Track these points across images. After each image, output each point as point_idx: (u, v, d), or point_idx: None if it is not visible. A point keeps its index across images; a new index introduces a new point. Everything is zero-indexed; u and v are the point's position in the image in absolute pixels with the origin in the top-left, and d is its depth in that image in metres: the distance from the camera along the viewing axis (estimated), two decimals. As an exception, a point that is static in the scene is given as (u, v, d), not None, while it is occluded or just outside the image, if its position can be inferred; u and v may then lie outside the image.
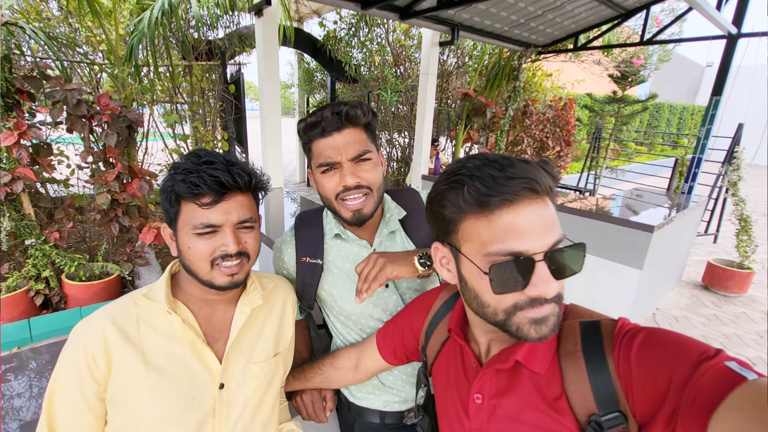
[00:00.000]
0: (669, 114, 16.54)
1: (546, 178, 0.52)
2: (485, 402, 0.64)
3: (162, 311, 0.74)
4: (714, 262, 4.28)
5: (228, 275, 0.73)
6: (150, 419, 0.71)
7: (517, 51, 5.42)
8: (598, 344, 0.56)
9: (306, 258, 0.99)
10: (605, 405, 0.53)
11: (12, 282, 2.68)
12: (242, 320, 0.81)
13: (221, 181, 0.69)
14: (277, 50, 3.48)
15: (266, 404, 0.85)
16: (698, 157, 4.23)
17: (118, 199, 2.91)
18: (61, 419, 0.70)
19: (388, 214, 1.01)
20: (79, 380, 0.69)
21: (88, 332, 0.71)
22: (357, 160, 0.86)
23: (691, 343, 0.50)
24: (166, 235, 0.77)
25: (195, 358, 0.75)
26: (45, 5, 3.51)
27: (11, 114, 2.44)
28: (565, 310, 0.63)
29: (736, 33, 3.76)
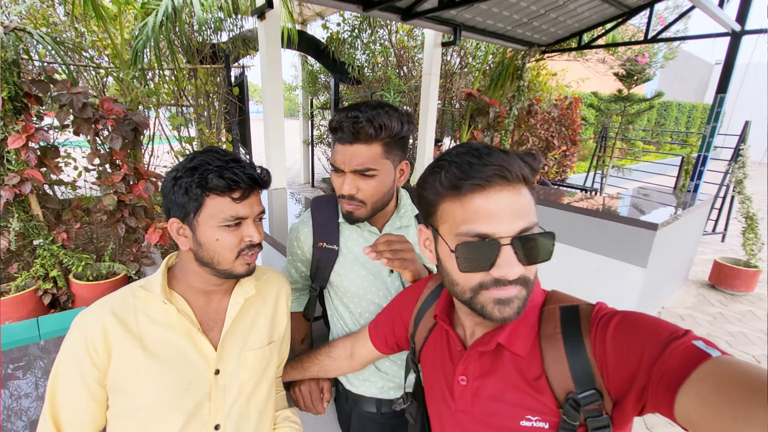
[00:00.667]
0: (677, 112, 16.35)
1: (522, 167, 0.55)
2: (469, 383, 0.66)
3: (158, 301, 0.78)
4: (720, 261, 4.24)
5: (247, 263, 0.80)
6: (149, 403, 0.74)
7: (521, 50, 5.41)
8: (576, 326, 0.59)
9: (323, 243, 1.05)
10: (582, 383, 0.56)
11: (21, 281, 2.74)
12: (236, 309, 0.84)
13: (254, 178, 0.76)
14: (279, 53, 3.52)
15: (261, 391, 0.88)
16: (704, 156, 4.19)
17: (124, 201, 2.96)
18: (63, 405, 0.73)
19: (402, 209, 1.05)
20: (80, 367, 0.72)
21: (87, 322, 0.74)
22: (359, 173, 0.89)
23: (662, 324, 0.52)
24: (173, 230, 0.78)
25: (191, 346, 0.79)
26: (52, 10, 3.58)
27: (19, 117, 2.49)
28: (546, 296, 0.66)
29: (740, 30, 3.73)
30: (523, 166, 0.56)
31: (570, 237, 3.51)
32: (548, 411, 0.59)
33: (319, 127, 8.50)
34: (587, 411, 0.56)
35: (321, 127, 8.51)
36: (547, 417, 0.59)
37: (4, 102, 2.35)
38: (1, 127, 2.40)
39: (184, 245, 0.79)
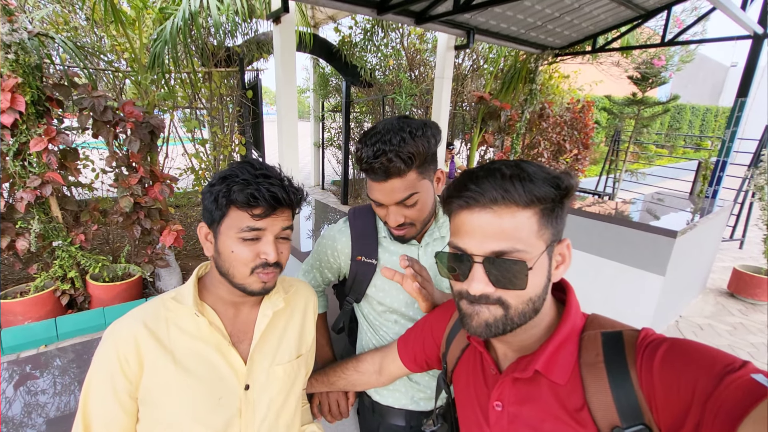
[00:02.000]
0: (691, 116, 16.10)
1: (506, 192, 0.54)
2: (505, 410, 0.64)
3: (190, 314, 0.77)
4: (740, 269, 4.14)
5: (263, 282, 0.77)
6: (179, 418, 0.74)
7: (534, 53, 5.36)
8: (620, 355, 0.55)
9: (362, 257, 1.04)
10: (628, 417, 0.53)
11: (40, 282, 2.78)
12: (265, 323, 0.83)
13: (278, 197, 0.73)
14: (294, 56, 3.54)
15: (289, 406, 0.87)
16: (723, 161, 4.11)
17: (140, 203, 2.99)
18: (95, 416, 0.73)
19: (441, 219, 1.04)
20: (112, 379, 0.72)
21: (120, 334, 0.74)
22: (402, 203, 0.90)
23: (716, 354, 0.49)
24: (201, 234, 0.79)
25: (221, 359, 0.78)
26: (73, 15, 3.65)
27: (41, 121, 2.53)
28: (586, 321, 0.63)
29: (762, 33, 3.65)
30: (520, 192, 0.54)
31: (585, 243, 3.46)
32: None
33: (330, 129, 8.53)
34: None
35: (331, 129, 8.54)
36: None
37: (27, 106, 2.39)
38: (24, 130, 2.44)
39: (209, 251, 0.79)
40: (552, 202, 0.56)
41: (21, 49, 2.29)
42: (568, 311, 0.62)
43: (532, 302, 0.58)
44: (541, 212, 0.56)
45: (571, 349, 0.60)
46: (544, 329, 0.63)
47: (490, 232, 0.55)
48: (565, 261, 0.61)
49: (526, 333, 0.63)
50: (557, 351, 0.60)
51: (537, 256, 0.56)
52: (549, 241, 0.57)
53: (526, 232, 0.55)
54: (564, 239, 0.61)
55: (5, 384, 1.11)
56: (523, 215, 0.55)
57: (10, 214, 2.61)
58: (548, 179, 0.56)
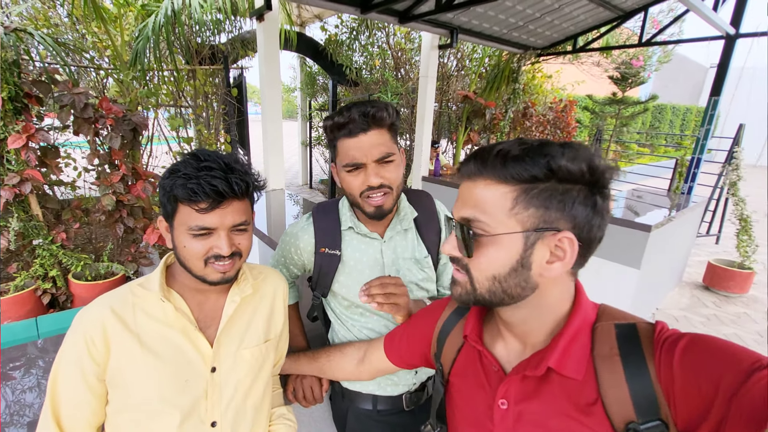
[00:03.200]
0: (672, 115, 16.48)
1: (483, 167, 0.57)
2: (511, 408, 0.62)
3: (156, 299, 0.79)
4: (714, 263, 4.29)
5: (220, 272, 0.78)
6: (147, 399, 0.76)
7: (516, 53, 5.46)
8: (637, 348, 0.54)
9: (325, 249, 1.05)
10: (645, 412, 0.51)
11: (20, 281, 2.74)
12: (232, 308, 0.85)
13: (219, 190, 0.71)
14: (278, 54, 3.55)
15: (257, 389, 0.89)
16: (698, 158, 4.24)
17: (122, 201, 2.97)
18: (63, 400, 0.75)
19: (402, 212, 1.06)
20: (80, 363, 0.74)
21: (87, 319, 0.76)
22: (381, 161, 0.91)
23: (741, 351, 0.48)
24: (162, 227, 0.81)
25: (188, 343, 0.80)
26: (53, 11, 3.60)
27: (20, 117, 2.51)
28: (598, 312, 0.62)
29: (735, 33, 3.79)
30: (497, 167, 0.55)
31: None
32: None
33: (318, 128, 8.53)
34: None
35: (319, 128, 8.54)
36: None
37: (4, 102, 2.36)
38: (1, 127, 2.41)
39: (170, 244, 0.80)
40: (537, 182, 0.53)
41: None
42: (578, 303, 0.61)
43: (498, 282, 0.57)
44: (521, 191, 0.54)
45: (583, 342, 0.58)
46: (554, 322, 0.61)
47: (466, 200, 0.59)
48: (564, 258, 0.55)
49: (535, 321, 0.61)
50: (570, 345, 0.58)
51: (501, 232, 0.55)
52: (530, 225, 0.54)
53: (495, 206, 0.55)
54: (561, 231, 0.54)
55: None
56: (497, 190, 0.55)
57: (-12, 213, 2.58)
58: (532, 160, 0.52)
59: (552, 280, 0.58)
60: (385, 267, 1.05)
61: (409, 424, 1.11)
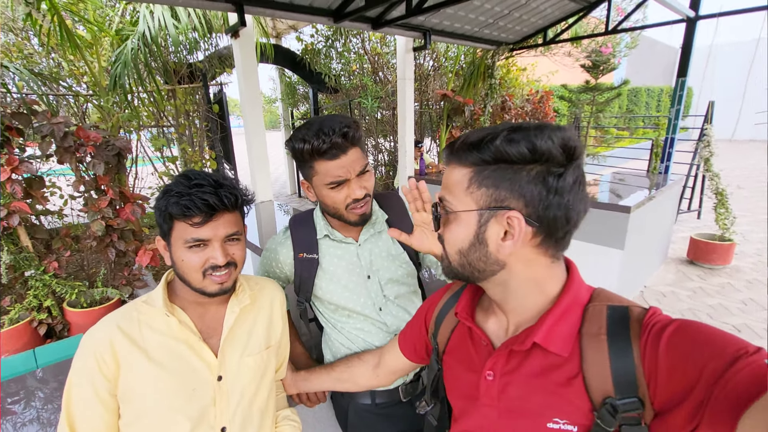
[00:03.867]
0: (647, 97, 16.87)
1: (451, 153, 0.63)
2: (496, 379, 0.65)
3: (160, 314, 0.84)
4: (696, 237, 4.43)
5: (218, 283, 0.82)
6: (157, 409, 0.80)
7: (490, 50, 5.58)
8: (624, 329, 0.56)
9: (303, 254, 1.11)
10: (623, 389, 0.54)
11: (14, 314, 2.74)
12: (233, 318, 0.90)
13: (210, 204, 0.77)
14: (256, 69, 3.59)
15: (262, 393, 0.94)
16: (671, 138, 4.39)
17: (112, 225, 2.99)
18: (78, 416, 0.79)
19: (374, 216, 1.13)
20: (91, 379, 0.78)
21: (96, 337, 0.80)
22: (361, 174, 0.99)
23: (729, 337, 0.49)
24: (160, 246, 0.86)
25: (193, 354, 0.85)
26: (27, 42, 3.60)
27: (2, 151, 2.52)
28: (592, 294, 0.64)
29: (695, 16, 3.95)
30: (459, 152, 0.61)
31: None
32: (579, 414, 0.57)
33: (301, 137, 8.57)
34: (624, 418, 0.53)
35: (303, 137, 8.58)
36: (577, 420, 0.57)
37: (-14, 137, 2.37)
38: (-15, 162, 2.43)
39: (168, 261, 0.85)
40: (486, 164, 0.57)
41: (-25, 81, 2.28)
42: (570, 284, 0.63)
43: (464, 256, 0.62)
44: (474, 172, 0.58)
45: (572, 321, 0.60)
46: (544, 302, 0.63)
47: (443, 184, 0.65)
48: (514, 237, 0.57)
49: (525, 299, 0.64)
50: (557, 322, 0.60)
51: (460, 209, 0.61)
52: (483, 204, 0.58)
53: (456, 186, 0.61)
54: (509, 210, 0.56)
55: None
56: (459, 172, 0.61)
57: (-23, 248, 2.58)
58: (489, 145, 0.56)
59: (517, 257, 0.60)
60: (363, 269, 1.12)
61: (408, 415, 1.17)
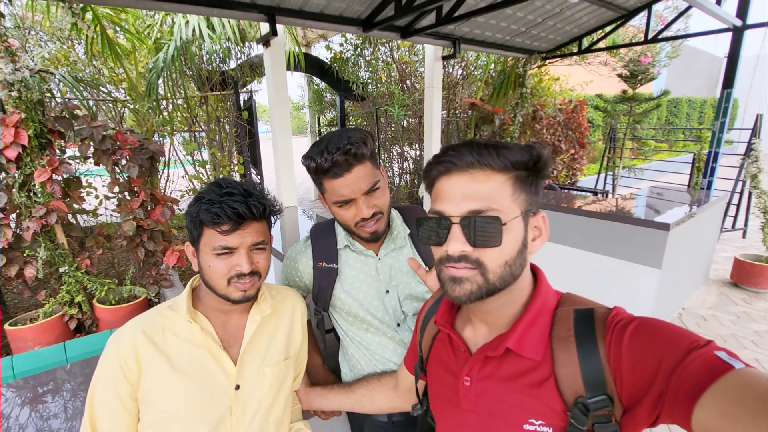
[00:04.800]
0: (688, 108, 16.09)
1: (480, 156, 0.58)
2: (473, 384, 0.67)
3: (183, 320, 0.85)
4: (741, 258, 4.13)
5: (242, 291, 0.83)
6: (175, 414, 0.81)
7: (522, 58, 5.47)
8: (591, 330, 0.58)
9: (322, 263, 1.09)
10: (593, 388, 0.56)
11: (48, 308, 2.86)
12: (254, 328, 0.90)
13: (239, 213, 0.78)
14: (285, 77, 3.66)
15: (279, 404, 0.93)
16: (714, 152, 4.13)
17: (143, 226, 3.09)
18: (100, 417, 0.81)
19: (395, 231, 1.09)
20: (114, 382, 0.80)
21: (121, 340, 0.82)
22: (369, 192, 0.95)
23: (683, 332, 0.52)
24: (188, 252, 0.87)
25: (213, 361, 0.85)
26: (72, 50, 3.81)
27: (44, 152, 2.65)
28: (560, 299, 0.66)
29: (742, 25, 3.72)
30: (494, 157, 0.57)
31: (581, 241, 3.49)
32: (554, 414, 0.58)
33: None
34: (596, 417, 0.55)
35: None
36: (552, 421, 0.58)
37: (30, 139, 2.50)
38: (28, 162, 2.55)
39: (196, 266, 0.86)
40: (525, 169, 0.59)
41: (23, 86, 2.42)
42: (538, 290, 0.65)
43: (509, 266, 0.60)
44: (515, 178, 0.59)
45: (543, 325, 0.62)
46: (519, 307, 0.65)
47: (467, 194, 0.58)
48: (542, 234, 0.63)
49: (506, 307, 0.65)
50: (528, 328, 0.62)
51: (511, 217, 0.58)
52: (524, 209, 0.60)
53: (500, 194, 0.58)
54: (540, 212, 0.63)
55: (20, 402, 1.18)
56: (497, 179, 0.58)
57: (17, 244, 2.71)
58: (522, 148, 0.59)
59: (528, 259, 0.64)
60: (381, 283, 1.08)
61: None
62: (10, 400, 1.21)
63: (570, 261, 3.54)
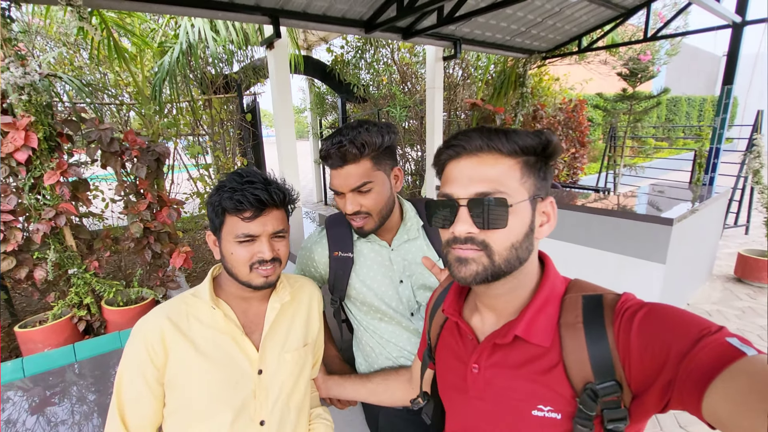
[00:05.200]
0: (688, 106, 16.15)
1: (496, 141, 0.59)
2: (481, 372, 0.67)
3: (207, 307, 0.87)
4: (745, 253, 4.14)
5: (264, 277, 0.85)
6: (201, 398, 0.83)
7: (522, 58, 5.50)
8: (599, 316, 0.58)
9: (338, 252, 1.11)
10: (601, 374, 0.56)
11: (57, 310, 2.88)
12: (274, 314, 0.92)
13: (261, 199, 0.81)
14: (288, 79, 3.69)
15: (299, 390, 0.95)
16: (716, 148, 4.15)
17: (149, 227, 3.11)
18: (128, 402, 0.83)
19: (408, 223, 1.11)
20: (141, 367, 0.82)
21: (147, 327, 0.84)
22: (356, 190, 0.97)
23: (694, 318, 0.51)
24: (210, 241, 0.90)
25: (236, 347, 0.87)
26: (78, 55, 3.85)
27: (53, 155, 2.68)
28: (568, 285, 0.66)
29: (741, 21, 3.75)
30: (503, 141, 0.58)
31: (585, 238, 3.51)
32: (562, 401, 0.58)
33: (329, 146, 8.71)
34: (605, 402, 0.55)
35: (331, 146, 8.71)
36: (561, 407, 0.58)
37: (40, 142, 2.53)
38: (38, 165, 2.58)
39: (217, 255, 0.89)
40: (534, 154, 0.60)
41: (33, 89, 2.45)
42: (546, 276, 0.65)
43: (515, 249, 0.60)
44: (523, 163, 0.59)
45: (551, 312, 0.62)
46: (527, 294, 0.65)
47: (475, 177, 0.59)
48: (550, 220, 0.63)
49: (514, 293, 0.65)
50: (536, 315, 0.62)
51: (518, 200, 0.59)
52: (532, 193, 0.60)
53: (508, 178, 0.59)
54: (548, 197, 0.63)
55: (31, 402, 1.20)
56: (506, 163, 0.59)
57: (27, 246, 2.73)
58: (531, 134, 0.60)
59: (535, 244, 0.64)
60: (395, 273, 1.10)
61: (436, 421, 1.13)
62: (18, 399, 1.23)
63: (574, 258, 3.56)
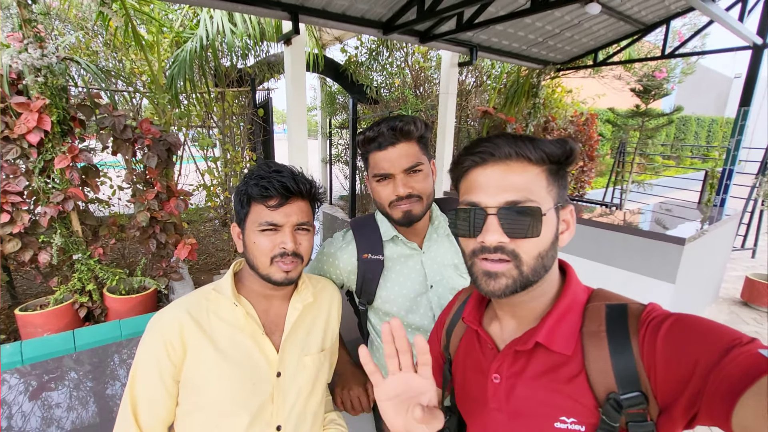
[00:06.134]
0: (697, 127, 16.11)
1: (525, 149, 0.58)
2: (503, 382, 0.65)
3: (228, 303, 0.84)
4: (752, 277, 4.10)
5: (284, 271, 0.82)
6: (219, 400, 0.79)
7: (536, 69, 5.49)
8: (623, 325, 0.56)
9: (368, 255, 1.06)
10: (626, 384, 0.53)
11: (59, 295, 2.85)
12: (295, 315, 0.89)
13: (287, 186, 0.80)
14: (304, 75, 3.67)
15: (317, 395, 0.92)
16: (729, 169, 4.12)
17: (156, 217, 3.09)
18: (141, 398, 0.79)
19: (436, 222, 1.08)
20: (158, 363, 0.78)
21: (165, 321, 0.80)
22: (409, 171, 0.94)
23: (724, 329, 0.49)
24: (234, 233, 0.88)
25: (255, 347, 0.84)
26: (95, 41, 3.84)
27: (65, 139, 2.66)
28: (591, 294, 0.65)
29: (762, 43, 3.72)
30: (530, 149, 0.57)
31: (593, 252, 3.48)
32: (585, 411, 0.56)
33: (337, 145, 8.70)
34: (629, 415, 0.53)
35: (339, 145, 8.70)
36: (584, 418, 0.56)
37: (53, 125, 2.51)
38: (50, 148, 2.56)
39: (240, 248, 0.86)
40: (558, 163, 0.59)
41: (50, 72, 2.43)
42: (568, 284, 0.64)
43: (542, 258, 0.59)
44: (548, 171, 0.59)
45: (573, 320, 0.60)
46: (549, 301, 0.64)
47: (504, 185, 0.58)
48: (569, 228, 0.63)
49: (535, 301, 0.63)
50: (558, 322, 0.60)
51: (547, 208, 0.58)
52: (556, 201, 0.60)
53: (537, 186, 0.58)
54: (568, 205, 0.63)
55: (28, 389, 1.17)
56: (533, 171, 0.58)
57: (33, 229, 2.71)
58: (556, 142, 0.59)
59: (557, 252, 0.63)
60: (426, 278, 1.06)
61: None
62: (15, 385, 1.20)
63: (582, 272, 3.50)
